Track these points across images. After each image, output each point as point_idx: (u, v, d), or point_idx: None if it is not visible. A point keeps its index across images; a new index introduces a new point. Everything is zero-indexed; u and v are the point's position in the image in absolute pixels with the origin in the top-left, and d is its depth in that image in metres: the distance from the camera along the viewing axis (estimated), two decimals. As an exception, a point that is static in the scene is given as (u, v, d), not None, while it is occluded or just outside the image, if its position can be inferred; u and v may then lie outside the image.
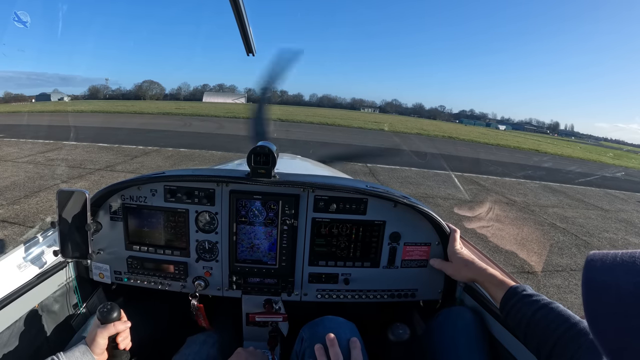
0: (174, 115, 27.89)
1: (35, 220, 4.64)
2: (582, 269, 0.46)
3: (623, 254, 0.44)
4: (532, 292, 0.95)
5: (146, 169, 8.24)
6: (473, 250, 1.38)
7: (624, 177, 16.37)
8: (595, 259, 0.46)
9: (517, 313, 0.91)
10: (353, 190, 1.29)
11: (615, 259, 0.44)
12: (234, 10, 1.09)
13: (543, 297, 0.91)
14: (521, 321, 0.90)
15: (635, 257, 0.43)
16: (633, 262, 0.42)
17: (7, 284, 1.10)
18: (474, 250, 1.37)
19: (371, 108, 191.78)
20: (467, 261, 1.17)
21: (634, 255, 0.43)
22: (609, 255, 0.46)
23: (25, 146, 10.09)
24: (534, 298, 0.91)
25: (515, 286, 0.98)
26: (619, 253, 0.45)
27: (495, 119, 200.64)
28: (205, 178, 1.29)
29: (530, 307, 0.89)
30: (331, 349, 0.93)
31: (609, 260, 0.45)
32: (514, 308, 0.93)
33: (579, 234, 6.07)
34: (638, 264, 0.42)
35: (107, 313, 1.01)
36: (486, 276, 1.08)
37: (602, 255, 0.46)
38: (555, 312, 0.85)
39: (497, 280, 1.04)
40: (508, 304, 0.95)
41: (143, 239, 1.37)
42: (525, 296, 0.93)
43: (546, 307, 0.87)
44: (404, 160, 11.62)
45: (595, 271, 0.45)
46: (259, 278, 1.36)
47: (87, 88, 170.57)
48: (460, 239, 1.32)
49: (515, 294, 0.95)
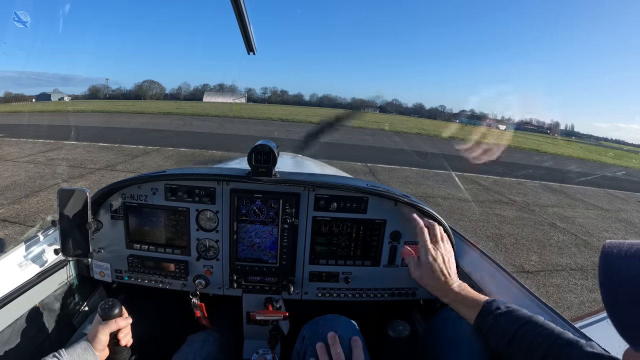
0: (174, 115, 27.87)
1: (35, 220, 4.65)
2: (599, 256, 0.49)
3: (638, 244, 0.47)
4: (506, 308, 0.89)
5: (147, 168, 8.25)
6: (472, 252, 1.37)
7: (624, 176, 16.37)
8: (612, 247, 0.49)
9: (495, 333, 0.86)
10: (354, 189, 1.29)
11: (630, 248, 0.47)
12: (234, 8, 1.09)
13: (521, 312, 0.87)
14: (501, 340, 0.84)
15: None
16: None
17: (8, 283, 1.10)
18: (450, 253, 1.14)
19: (371, 108, 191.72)
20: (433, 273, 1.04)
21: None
22: (625, 244, 0.49)
23: (26, 146, 10.09)
24: (512, 315, 0.86)
25: (487, 305, 0.91)
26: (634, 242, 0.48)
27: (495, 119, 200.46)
28: (206, 177, 1.29)
29: (510, 326, 0.84)
30: (333, 347, 0.93)
31: (624, 249, 0.48)
32: (492, 329, 0.87)
33: (579, 234, 6.07)
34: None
35: (109, 309, 1.01)
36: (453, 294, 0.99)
37: (618, 244, 0.49)
38: (537, 328, 0.81)
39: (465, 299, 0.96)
40: (484, 325, 0.89)
41: (144, 238, 1.38)
42: (502, 315, 0.87)
43: (527, 324, 0.83)
44: (404, 160, 11.62)
45: (612, 258, 0.48)
46: (259, 277, 1.36)
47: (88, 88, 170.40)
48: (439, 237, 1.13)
49: (490, 312, 0.89)
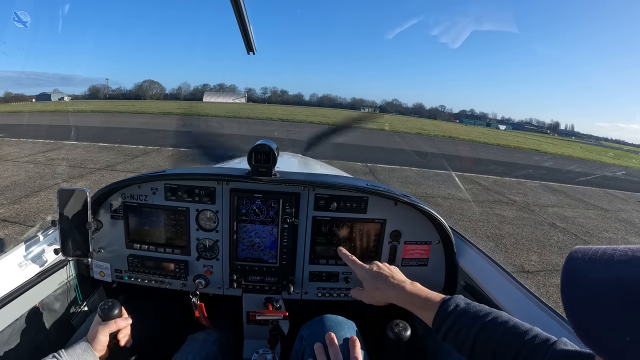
0: (174, 115, 27.88)
1: (35, 220, 4.65)
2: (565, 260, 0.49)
3: (606, 249, 0.47)
4: (466, 305, 0.81)
5: (147, 168, 8.24)
6: (472, 252, 1.37)
7: (624, 176, 16.37)
8: (578, 251, 0.49)
9: (456, 336, 0.78)
10: (353, 188, 1.29)
11: (597, 253, 0.47)
12: (234, 8, 1.09)
13: (482, 309, 0.80)
14: (464, 344, 0.76)
15: (616, 251, 0.45)
16: (613, 254, 0.45)
17: (7, 283, 1.10)
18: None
19: (371, 108, 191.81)
20: (379, 283, 0.98)
21: (616, 249, 0.46)
22: (592, 249, 0.48)
23: (26, 146, 10.09)
24: (471, 313, 0.79)
25: (445, 303, 0.83)
26: (602, 247, 0.47)
27: (495, 119, 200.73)
28: (206, 176, 1.29)
29: (471, 326, 0.76)
30: (331, 347, 0.93)
31: (590, 253, 0.47)
32: (452, 331, 0.79)
33: (579, 234, 6.07)
34: (617, 256, 0.44)
35: (108, 310, 1.01)
36: (406, 297, 0.90)
37: (585, 249, 0.49)
38: (502, 327, 0.74)
39: (420, 299, 0.87)
40: (442, 326, 0.80)
41: (144, 238, 1.38)
42: (462, 313, 0.79)
43: (491, 323, 0.76)
44: (404, 160, 11.63)
45: (577, 261, 0.47)
46: (259, 276, 1.36)
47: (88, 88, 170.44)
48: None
49: (449, 313, 0.80)
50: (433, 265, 1.41)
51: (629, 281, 0.42)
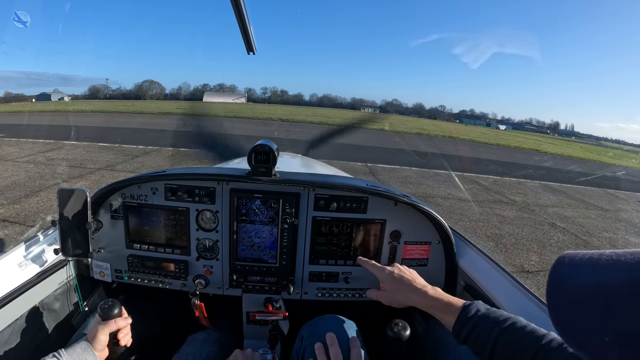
0: (174, 115, 27.89)
1: (35, 220, 4.65)
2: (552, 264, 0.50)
3: (593, 253, 0.47)
4: (486, 310, 0.84)
5: (147, 168, 8.25)
6: (472, 252, 1.37)
7: (624, 176, 16.37)
8: (565, 257, 0.49)
9: (476, 339, 0.81)
10: (353, 188, 1.29)
11: (583, 258, 0.47)
12: (234, 8, 1.09)
13: (501, 314, 0.83)
14: (484, 347, 0.79)
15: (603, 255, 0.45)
16: (599, 259, 0.45)
17: (7, 283, 1.10)
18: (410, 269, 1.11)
19: (371, 108, 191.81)
20: (401, 286, 1.01)
21: (602, 254, 0.46)
22: (579, 254, 0.48)
23: (26, 146, 10.09)
24: (491, 318, 0.82)
25: (466, 308, 0.86)
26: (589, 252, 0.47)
27: (495, 119, 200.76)
28: (206, 176, 1.29)
29: (491, 330, 0.79)
30: (331, 347, 0.93)
31: (577, 258, 0.47)
32: (472, 334, 0.81)
33: (579, 234, 6.07)
34: (602, 261, 0.44)
35: (108, 309, 1.01)
36: (428, 301, 0.93)
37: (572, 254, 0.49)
38: (521, 332, 0.77)
39: (442, 303, 0.90)
40: (463, 330, 0.83)
41: (144, 238, 1.38)
42: (482, 318, 0.82)
43: (510, 328, 0.78)
44: (404, 160, 11.63)
45: (563, 266, 0.48)
46: (259, 276, 1.36)
47: (88, 88, 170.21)
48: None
49: (470, 318, 0.83)
50: (433, 265, 1.41)
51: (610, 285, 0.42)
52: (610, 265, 0.43)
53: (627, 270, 0.41)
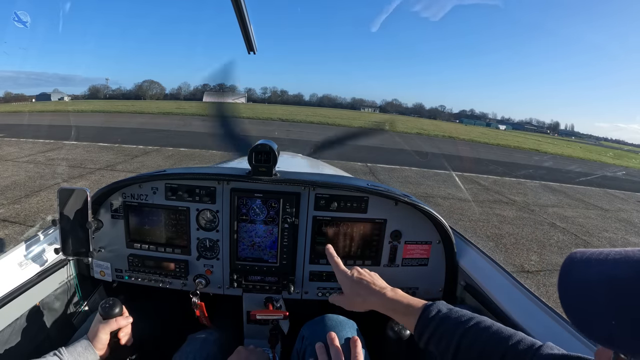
0: (174, 115, 27.89)
1: (35, 220, 4.65)
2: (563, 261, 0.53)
3: (602, 251, 0.50)
4: (448, 310, 0.80)
5: (147, 168, 8.25)
6: (472, 252, 1.37)
7: (624, 176, 16.37)
8: (577, 252, 0.52)
9: (439, 342, 0.76)
10: (354, 188, 1.29)
11: (592, 255, 0.50)
12: (234, 8, 1.09)
13: (464, 314, 0.79)
14: (447, 349, 0.75)
15: (611, 253, 0.49)
16: (607, 256, 0.48)
17: (8, 282, 1.10)
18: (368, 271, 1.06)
19: (371, 108, 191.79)
20: (359, 289, 0.96)
21: (611, 250, 0.49)
22: (590, 251, 0.51)
23: (26, 146, 10.09)
24: (453, 318, 0.78)
25: (427, 309, 0.81)
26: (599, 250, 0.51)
27: (495, 119, 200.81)
28: (206, 176, 1.30)
29: (454, 331, 0.75)
30: (332, 347, 0.93)
31: (587, 255, 0.51)
32: (434, 336, 0.77)
33: (579, 234, 6.07)
34: (610, 258, 0.48)
35: (109, 308, 1.01)
36: (387, 303, 0.89)
37: (584, 251, 0.52)
38: (486, 332, 0.74)
39: (402, 305, 0.86)
40: (425, 332, 0.79)
41: (144, 237, 1.38)
42: (444, 319, 0.78)
43: (474, 328, 0.75)
44: (404, 160, 11.63)
45: (575, 262, 0.51)
46: (259, 276, 1.36)
47: (88, 88, 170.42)
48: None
49: (431, 319, 0.79)
50: (433, 265, 1.41)
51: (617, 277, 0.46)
52: (617, 259, 0.47)
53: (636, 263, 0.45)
